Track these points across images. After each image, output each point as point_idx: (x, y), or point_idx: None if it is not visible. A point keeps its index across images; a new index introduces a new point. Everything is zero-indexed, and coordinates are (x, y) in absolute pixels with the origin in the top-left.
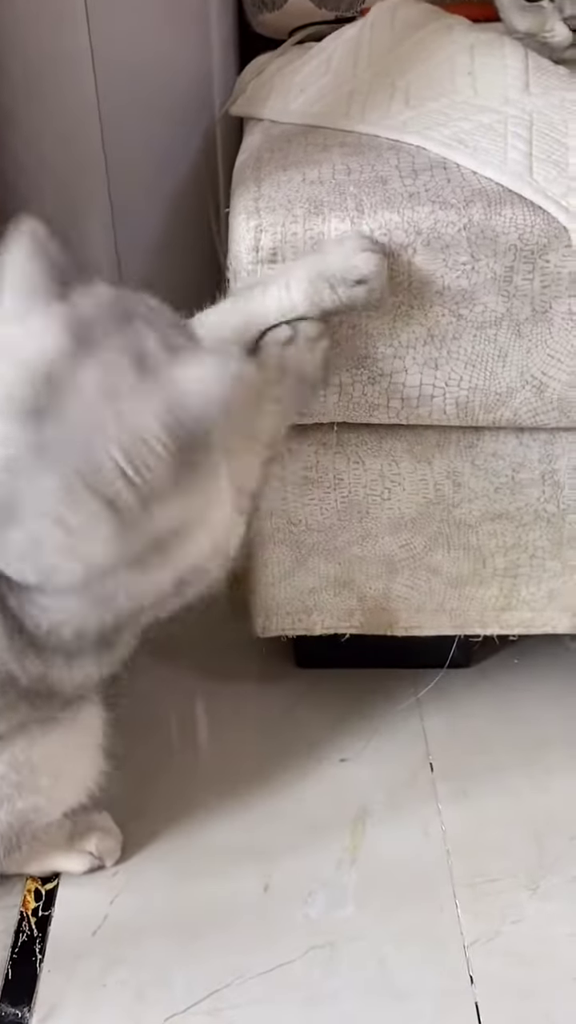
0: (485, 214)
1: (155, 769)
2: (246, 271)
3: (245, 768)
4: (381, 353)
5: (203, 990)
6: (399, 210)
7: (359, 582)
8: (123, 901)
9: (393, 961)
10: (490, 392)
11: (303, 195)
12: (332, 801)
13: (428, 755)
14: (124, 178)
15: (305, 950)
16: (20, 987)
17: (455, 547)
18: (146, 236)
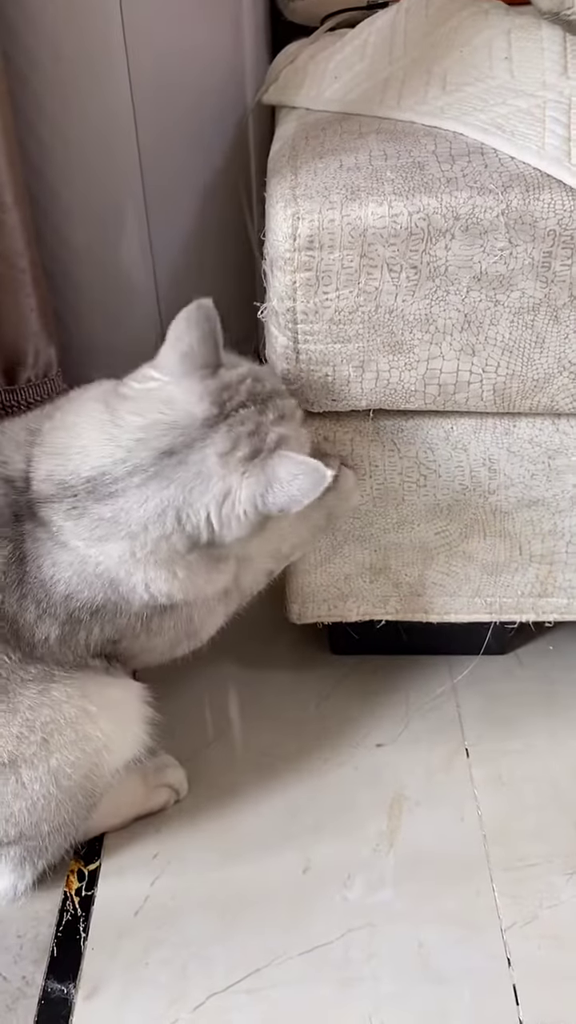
0: (523, 199)
1: (193, 755)
2: (283, 259)
3: (282, 753)
4: (418, 339)
5: (243, 969)
6: (437, 195)
7: (394, 569)
8: (164, 883)
9: (431, 944)
10: (527, 378)
11: (340, 182)
12: (369, 786)
13: (464, 741)
14: (157, 169)
15: (343, 932)
16: (65, 964)
17: (491, 534)
18: (180, 227)
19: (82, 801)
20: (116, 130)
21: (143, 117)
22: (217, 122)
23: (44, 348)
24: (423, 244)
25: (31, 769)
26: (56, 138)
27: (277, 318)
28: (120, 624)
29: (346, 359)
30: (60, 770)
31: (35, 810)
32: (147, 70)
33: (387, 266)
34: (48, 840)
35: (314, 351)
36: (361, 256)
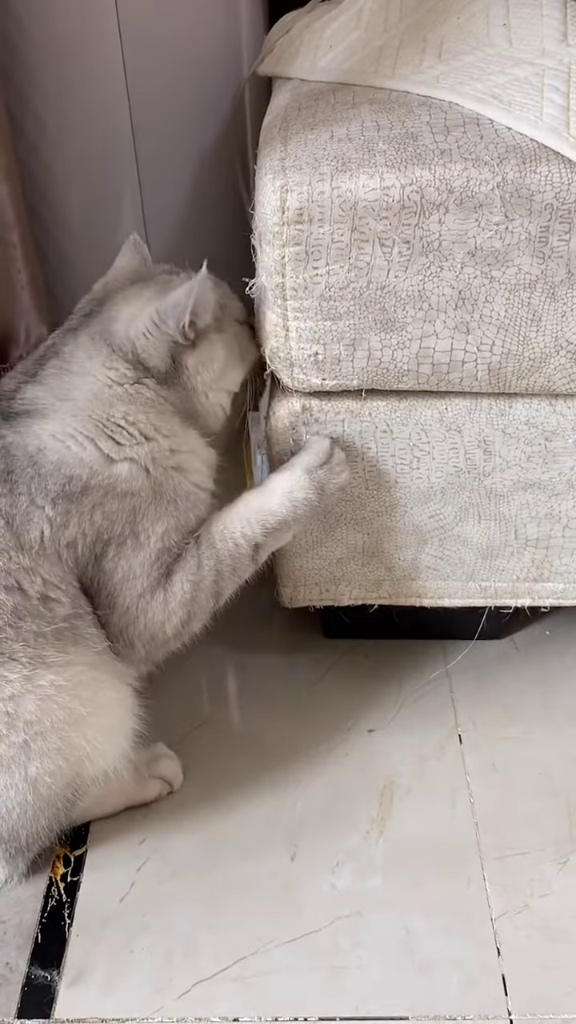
0: (520, 172)
1: (182, 739)
2: (272, 233)
3: (273, 738)
4: (411, 316)
5: (230, 957)
6: (430, 167)
7: (387, 552)
8: (150, 868)
9: (420, 932)
10: (523, 357)
11: (330, 152)
12: (360, 772)
13: (457, 727)
14: (151, 143)
15: (331, 920)
16: (49, 951)
17: (486, 517)
18: (174, 202)
19: (60, 808)
20: (110, 103)
21: (136, 90)
22: (212, 95)
23: (35, 325)
24: (416, 218)
25: (6, 774)
26: (50, 112)
27: (266, 294)
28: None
29: (337, 337)
30: (39, 779)
31: (10, 817)
32: (140, 42)
33: (379, 241)
34: (27, 843)
35: (304, 328)
36: (352, 230)
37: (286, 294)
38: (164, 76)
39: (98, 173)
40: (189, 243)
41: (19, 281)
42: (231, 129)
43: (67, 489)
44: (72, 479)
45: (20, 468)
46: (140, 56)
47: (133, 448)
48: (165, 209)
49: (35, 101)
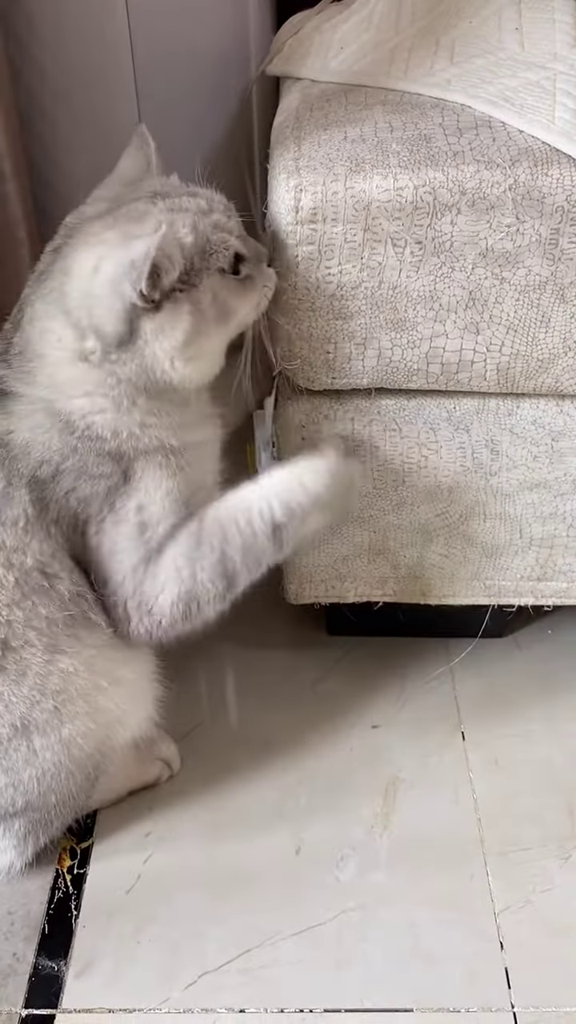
0: (531, 174)
1: (188, 734)
2: (285, 232)
3: (278, 733)
4: (421, 316)
5: (235, 949)
6: (443, 169)
7: (393, 550)
8: (156, 861)
9: (424, 926)
10: (532, 358)
11: (344, 153)
12: (364, 767)
13: (460, 723)
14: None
15: (336, 913)
16: (56, 942)
17: (491, 516)
18: None
19: (90, 773)
20: (119, 100)
21: (145, 88)
22: (220, 94)
23: None
24: (428, 219)
25: (43, 736)
26: (59, 109)
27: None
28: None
29: (348, 336)
30: (72, 740)
31: (44, 779)
32: (150, 40)
33: (391, 241)
34: (54, 812)
35: (315, 327)
36: (365, 230)
37: (298, 293)
38: (173, 75)
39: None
40: None
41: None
42: (238, 128)
43: (38, 474)
44: (42, 464)
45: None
46: (149, 55)
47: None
48: None
49: (45, 99)
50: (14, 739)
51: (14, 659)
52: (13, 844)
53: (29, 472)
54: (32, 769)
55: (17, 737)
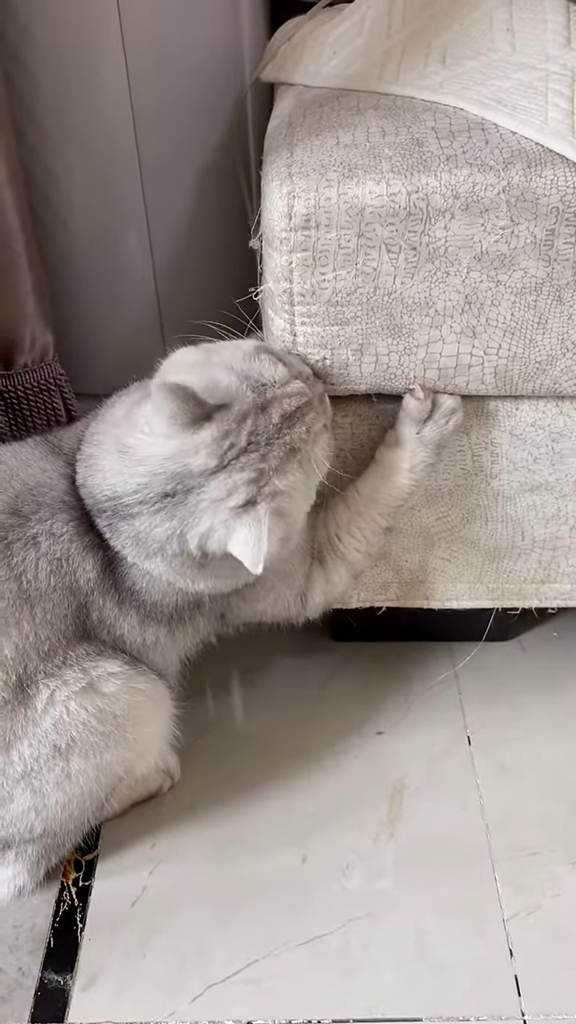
0: (525, 176)
1: (192, 742)
2: (279, 239)
3: (282, 741)
4: (418, 322)
5: (241, 960)
6: (436, 173)
7: (395, 555)
8: (162, 872)
9: (432, 933)
10: (530, 360)
11: (337, 159)
12: (369, 774)
13: (466, 728)
14: (154, 149)
15: (343, 922)
16: (62, 955)
17: (493, 519)
18: (178, 208)
19: (103, 801)
20: (113, 110)
21: (140, 95)
22: (215, 101)
23: (41, 332)
24: (422, 224)
25: (83, 759)
26: (53, 119)
27: (274, 300)
28: (217, 607)
29: (344, 342)
30: (108, 767)
31: (70, 806)
32: (143, 48)
33: (385, 246)
34: (68, 838)
35: (311, 333)
36: (359, 236)
37: (293, 299)
38: (167, 82)
39: (102, 179)
40: (193, 249)
41: (24, 287)
42: (234, 135)
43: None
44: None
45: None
46: (143, 62)
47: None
48: (169, 213)
49: (38, 108)
50: (52, 759)
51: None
52: (27, 868)
53: (166, 617)
54: (61, 795)
55: (56, 758)
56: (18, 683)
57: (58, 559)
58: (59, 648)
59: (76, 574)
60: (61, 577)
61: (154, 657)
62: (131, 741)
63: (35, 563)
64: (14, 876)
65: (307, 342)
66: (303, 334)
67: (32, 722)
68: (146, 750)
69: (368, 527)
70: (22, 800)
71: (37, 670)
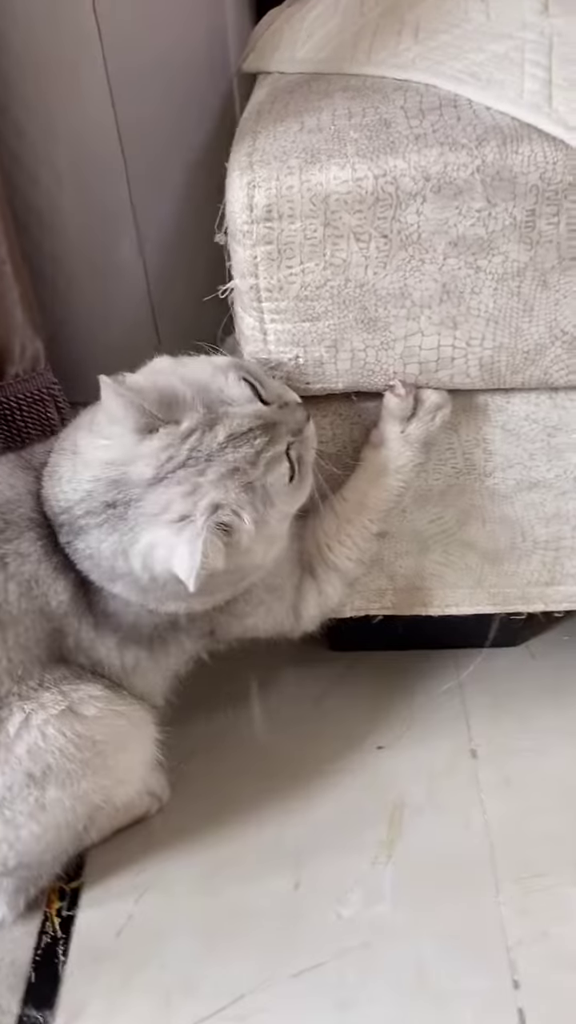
0: (500, 153)
1: (182, 761)
2: (242, 232)
3: (276, 758)
4: (394, 315)
5: (230, 994)
6: (404, 155)
7: (388, 560)
8: (149, 900)
9: (432, 963)
10: (516, 350)
11: (299, 145)
12: (368, 792)
13: (470, 741)
14: (139, 149)
15: (338, 951)
16: (43, 991)
17: (490, 520)
18: (166, 208)
19: (82, 831)
20: (94, 109)
21: (121, 94)
22: (201, 96)
23: (30, 341)
24: (392, 210)
25: (59, 788)
26: (31, 121)
27: (241, 297)
28: (203, 624)
29: (317, 339)
30: (86, 796)
31: (44, 837)
32: (122, 46)
33: (354, 235)
34: (45, 869)
35: (282, 331)
36: (325, 225)
37: (260, 296)
38: (149, 80)
39: (86, 180)
40: (184, 249)
41: (11, 297)
42: (221, 130)
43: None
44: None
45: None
46: (123, 60)
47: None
48: (157, 212)
49: (15, 111)
50: (26, 788)
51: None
52: (5, 900)
53: (147, 639)
54: (35, 826)
55: (30, 787)
56: None
57: (27, 581)
58: (34, 671)
59: (47, 596)
60: (32, 600)
61: (135, 681)
62: (110, 768)
63: (3, 585)
64: None
65: (278, 340)
66: (273, 331)
67: (4, 747)
68: (126, 778)
69: (358, 534)
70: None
71: (10, 692)
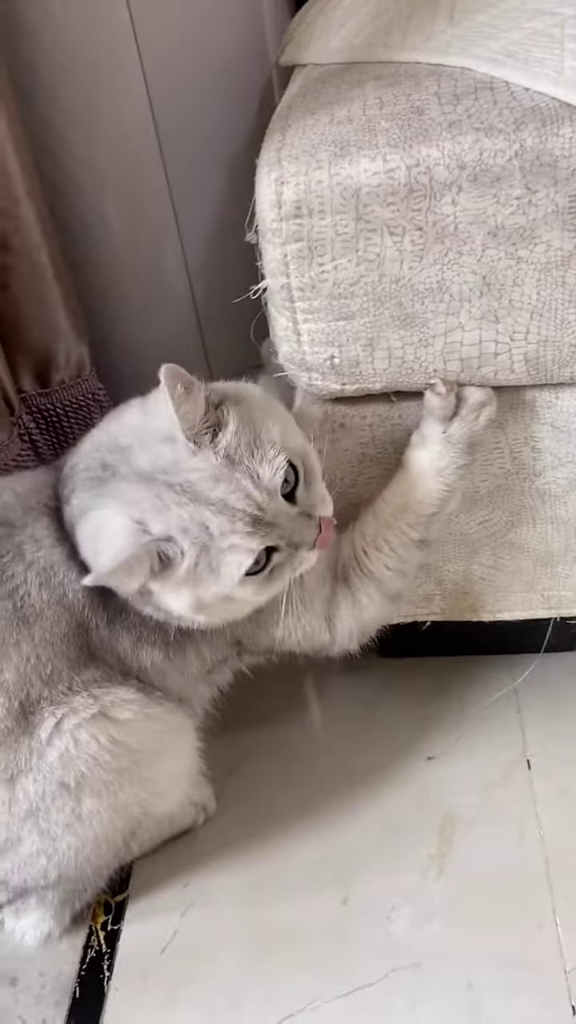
0: (539, 136)
1: (229, 769)
2: (271, 231)
3: (324, 767)
4: (431, 310)
5: (275, 1015)
6: (437, 143)
7: (435, 565)
8: (194, 915)
9: (484, 986)
10: (563, 343)
11: (328, 137)
12: (418, 804)
13: (525, 751)
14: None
15: (386, 972)
16: (88, 1006)
17: (541, 521)
18: (205, 202)
19: (123, 844)
20: (131, 113)
21: (159, 95)
22: (239, 93)
23: (75, 346)
24: (426, 201)
25: (95, 799)
26: (72, 128)
27: (273, 297)
28: (224, 637)
29: (352, 337)
30: (124, 808)
31: (83, 850)
32: (158, 45)
33: (387, 229)
34: (88, 882)
35: (316, 330)
36: (357, 220)
37: (293, 295)
38: (186, 79)
39: (126, 183)
40: (225, 247)
41: (53, 301)
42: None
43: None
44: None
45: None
46: (159, 60)
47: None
48: (198, 212)
49: (56, 118)
50: (60, 798)
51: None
52: (51, 914)
53: (163, 639)
54: (72, 838)
55: (65, 796)
56: (20, 711)
57: (44, 569)
58: (63, 672)
59: (64, 587)
60: (52, 591)
61: (161, 682)
62: (148, 778)
63: (24, 575)
64: (38, 922)
65: (312, 340)
66: (307, 331)
67: (36, 754)
68: (166, 789)
69: (397, 540)
70: (29, 842)
71: (40, 696)
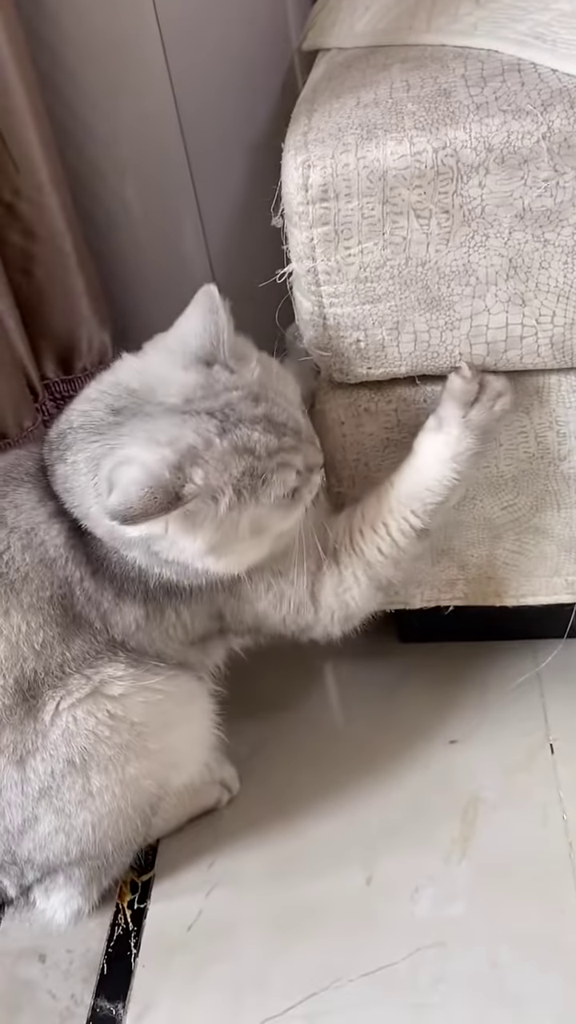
0: (568, 118)
1: (252, 753)
2: (297, 214)
3: (347, 752)
4: (457, 293)
5: (301, 992)
6: (464, 125)
7: (458, 549)
8: (219, 894)
9: (508, 965)
10: None
11: (355, 120)
12: (441, 787)
13: (548, 735)
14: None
15: (411, 951)
16: (115, 983)
17: (566, 505)
18: (228, 189)
19: (143, 819)
20: (154, 98)
21: (181, 82)
22: (261, 79)
23: (97, 332)
24: (453, 184)
25: (103, 774)
26: (95, 115)
27: (299, 280)
28: (206, 606)
29: (378, 321)
30: (135, 782)
31: (100, 826)
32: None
33: (414, 212)
34: (112, 858)
35: (342, 314)
36: (383, 203)
37: (319, 279)
38: (209, 66)
39: (149, 170)
40: (247, 232)
41: (76, 288)
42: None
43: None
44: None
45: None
46: (183, 48)
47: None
48: (220, 198)
49: (77, 103)
50: (69, 776)
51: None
52: (79, 891)
53: (143, 593)
54: (87, 814)
55: (73, 774)
56: (17, 687)
57: (26, 532)
58: (54, 644)
59: (46, 545)
60: (34, 552)
61: (151, 646)
62: (156, 751)
63: (8, 541)
64: (68, 900)
65: (338, 324)
66: (332, 315)
67: (41, 735)
68: (179, 760)
69: (397, 526)
70: (46, 821)
71: (36, 674)
